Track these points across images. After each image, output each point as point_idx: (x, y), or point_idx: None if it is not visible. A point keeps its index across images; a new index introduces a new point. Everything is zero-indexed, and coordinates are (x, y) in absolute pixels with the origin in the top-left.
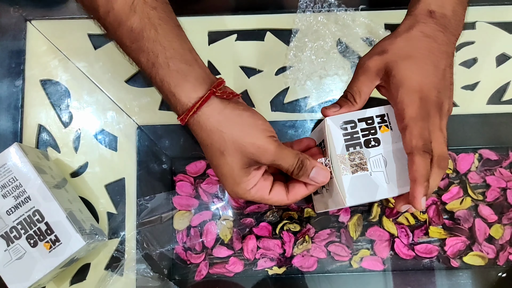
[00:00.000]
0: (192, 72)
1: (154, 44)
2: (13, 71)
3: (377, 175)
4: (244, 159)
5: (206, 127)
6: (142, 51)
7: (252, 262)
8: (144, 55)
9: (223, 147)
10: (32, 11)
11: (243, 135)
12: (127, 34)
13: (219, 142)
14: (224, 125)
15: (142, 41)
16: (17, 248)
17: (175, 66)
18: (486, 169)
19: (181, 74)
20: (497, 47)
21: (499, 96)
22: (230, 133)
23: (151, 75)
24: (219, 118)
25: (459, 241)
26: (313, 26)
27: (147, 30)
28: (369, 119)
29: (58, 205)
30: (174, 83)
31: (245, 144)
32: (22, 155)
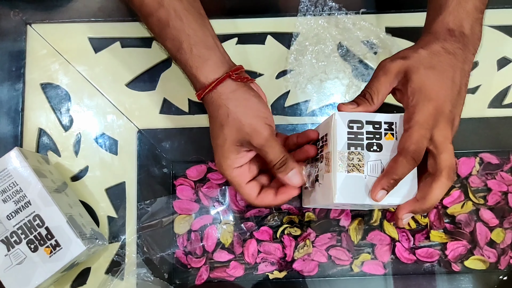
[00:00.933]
0: (213, 56)
1: (179, 33)
2: (13, 74)
3: (371, 180)
4: (239, 136)
5: (216, 103)
6: (168, 38)
7: (253, 266)
8: (170, 42)
9: (225, 121)
10: (32, 14)
11: (244, 115)
12: (156, 23)
13: (222, 115)
14: (232, 103)
15: (169, 30)
16: (18, 253)
17: (198, 51)
18: (487, 173)
19: (202, 59)
20: (498, 50)
21: (500, 100)
22: (234, 111)
23: (176, 58)
24: (229, 97)
25: (460, 245)
26: (313, 29)
27: (172, 20)
28: (377, 124)
29: (58, 209)
30: (196, 66)
31: (244, 123)
32: (22, 159)
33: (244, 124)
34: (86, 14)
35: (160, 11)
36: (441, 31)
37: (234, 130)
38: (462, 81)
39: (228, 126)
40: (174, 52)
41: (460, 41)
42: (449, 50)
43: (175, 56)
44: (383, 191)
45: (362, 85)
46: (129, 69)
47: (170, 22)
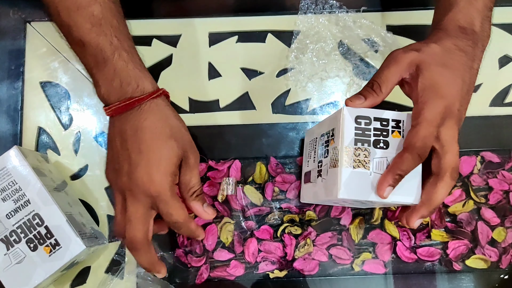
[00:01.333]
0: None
1: (118, 32)
2: (12, 73)
3: (377, 177)
4: (182, 153)
5: (161, 111)
6: (104, 34)
7: (253, 265)
8: (106, 38)
9: (174, 134)
10: (31, 12)
11: (185, 131)
12: (88, 18)
13: (168, 129)
14: (177, 117)
15: (105, 26)
16: (17, 252)
17: (137, 58)
18: (488, 172)
19: (142, 65)
20: (499, 48)
21: (502, 98)
22: (180, 125)
23: (110, 57)
24: (171, 110)
25: (462, 244)
26: (314, 27)
27: (109, 18)
28: (385, 121)
29: (58, 208)
30: (139, 68)
31: (187, 140)
32: (21, 158)
33: (187, 139)
34: None
35: (94, 6)
36: (453, 28)
37: (180, 144)
38: (471, 79)
39: (177, 139)
40: (110, 50)
41: (470, 39)
42: (461, 48)
43: (111, 53)
44: (390, 187)
45: (363, 83)
46: None
47: (104, 19)
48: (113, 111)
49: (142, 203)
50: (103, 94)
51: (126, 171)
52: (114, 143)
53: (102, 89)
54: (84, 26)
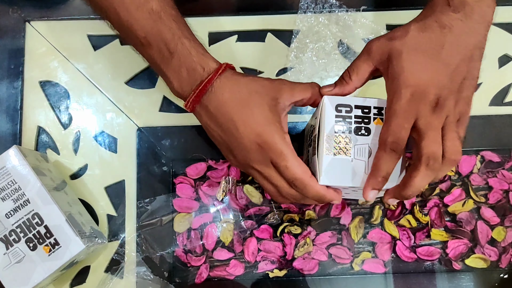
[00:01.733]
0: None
1: (178, 21)
2: (12, 72)
3: (358, 163)
4: (269, 96)
5: (231, 79)
6: (165, 26)
7: (253, 265)
8: (169, 30)
9: (249, 90)
10: (31, 11)
11: (262, 79)
12: (148, 14)
13: (244, 87)
14: (247, 75)
15: (165, 18)
16: (16, 251)
17: (197, 43)
18: (488, 171)
19: (202, 48)
20: (499, 48)
21: (502, 98)
22: (254, 78)
23: (175, 49)
24: (240, 75)
25: (461, 244)
26: (314, 27)
27: (167, 9)
28: (366, 108)
29: (57, 208)
30: (201, 52)
31: (269, 82)
32: (21, 157)
33: (269, 83)
34: (86, 12)
35: (152, 2)
36: (440, 2)
37: (265, 89)
38: (462, 57)
39: (257, 90)
40: (173, 41)
41: (459, 11)
42: (444, 24)
43: (174, 45)
44: (374, 190)
45: None
46: (129, 67)
47: (163, 12)
48: (192, 103)
49: (267, 164)
50: (177, 89)
51: (235, 145)
52: (213, 130)
53: (174, 84)
54: (146, 23)
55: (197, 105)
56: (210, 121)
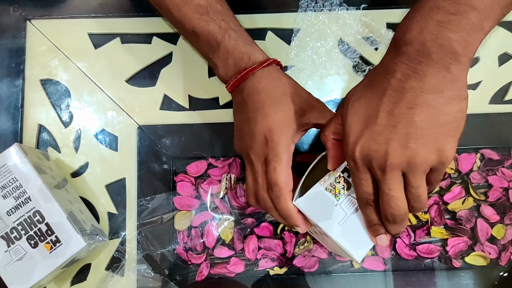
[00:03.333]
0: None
1: (224, 15)
2: (13, 71)
3: (339, 211)
4: (300, 105)
5: (274, 74)
6: (212, 20)
7: (253, 263)
8: (215, 24)
9: (285, 90)
10: (31, 10)
11: (301, 89)
12: (196, 9)
13: (282, 86)
14: (290, 79)
15: (212, 13)
16: (18, 249)
17: (245, 35)
18: (488, 169)
19: (250, 40)
20: (499, 46)
21: (501, 96)
22: (294, 84)
23: (221, 40)
24: (284, 74)
25: (461, 241)
26: (314, 25)
27: (214, 4)
28: None
29: (58, 205)
30: (248, 43)
31: (305, 95)
32: (22, 155)
33: (304, 94)
34: (86, 10)
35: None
36: (391, 43)
37: (297, 99)
38: (392, 105)
39: (290, 96)
40: (220, 34)
41: (392, 49)
42: (382, 63)
43: (220, 38)
44: (380, 236)
45: None
46: (129, 65)
47: (210, 6)
48: (231, 85)
49: (261, 158)
50: (221, 74)
51: (247, 131)
52: (238, 114)
53: (220, 70)
54: (194, 17)
55: (235, 88)
56: (239, 105)
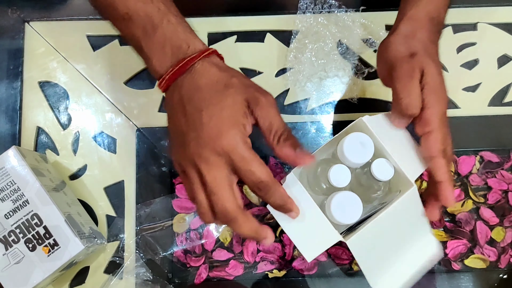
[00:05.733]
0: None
1: (164, 1)
2: (11, 73)
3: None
4: (246, 97)
5: (215, 66)
6: (150, 2)
7: (252, 265)
8: (153, 6)
9: (232, 82)
10: (30, 12)
11: (245, 78)
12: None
13: (227, 77)
14: (233, 69)
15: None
16: (16, 252)
17: (184, 21)
18: (487, 172)
19: (190, 28)
20: (498, 48)
21: (501, 98)
22: (238, 73)
23: (159, 24)
24: (226, 65)
25: (460, 244)
26: (313, 27)
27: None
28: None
29: (56, 208)
30: (188, 30)
31: (250, 84)
32: (20, 158)
33: (251, 85)
34: (85, 12)
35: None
36: (424, 19)
37: (243, 90)
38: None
39: (235, 87)
40: (159, 17)
41: (438, 30)
42: (433, 41)
43: (159, 20)
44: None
45: (362, 82)
46: (128, 67)
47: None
48: (167, 81)
49: (218, 166)
50: (154, 66)
51: (192, 137)
52: (175, 116)
53: (153, 61)
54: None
55: (171, 84)
56: (177, 105)
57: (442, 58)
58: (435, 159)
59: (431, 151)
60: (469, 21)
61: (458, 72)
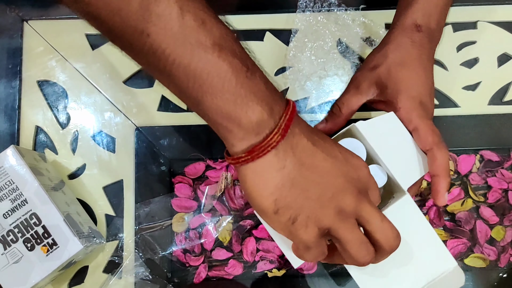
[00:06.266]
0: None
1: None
2: (9, 72)
3: None
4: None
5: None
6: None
7: (252, 265)
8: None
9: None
10: (28, 11)
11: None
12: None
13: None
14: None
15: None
16: (14, 251)
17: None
18: (487, 170)
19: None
20: (498, 47)
21: (501, 97)
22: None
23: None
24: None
25: (460, 243)
26: (313, 26)
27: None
28: None
29: (55, 208)
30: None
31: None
32: (18, 157)
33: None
34: None
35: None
36: (409, 25)
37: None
38: (431, 69)
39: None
40: (237, 73)
41: (426, 35)
42: (417, 44)
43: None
44: (446, 192)
45: None
46: (127, 66)
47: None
48: (284, 128)
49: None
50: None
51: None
52: (304, 173)
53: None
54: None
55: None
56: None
57: (442, 57)
58: (429, 152)
59: (423, 145)
60: (469, 19)
61: (458, 70)
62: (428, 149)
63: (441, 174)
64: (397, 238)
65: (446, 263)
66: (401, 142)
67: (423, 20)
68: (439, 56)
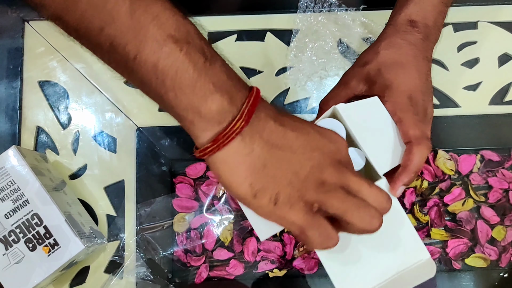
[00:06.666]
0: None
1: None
2: (11, 72)
3: None
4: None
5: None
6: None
7: (253, 265)
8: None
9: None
10: (29, 11)
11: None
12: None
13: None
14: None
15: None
16: (16, 252)
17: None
18: (488, 170)
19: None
20: (499, 47)
21: (501, 97)
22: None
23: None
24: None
25: (461, 243)
26: (313, 26)
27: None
28: None
29: (56, 208)
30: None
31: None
32: (20, 158)
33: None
34: None
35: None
36: (403, 22)
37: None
38: (427, 68)
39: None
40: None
41: (421, 32)
42: (411, 41)
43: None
44: (403, 187)
45: None
46: None
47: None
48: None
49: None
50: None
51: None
52: (283, 152)
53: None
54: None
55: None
56: (281, 138)
57: (442, 57)
58: (408, 145)
59: (404, 137)
60: (470, 19)
61: (459, 70)
62: (407, 142)
63: (408, 167)
64: (388, 200)
65: (419, 254)
66: (382, 127)
67: (418, 16)
68: (439, 56)
